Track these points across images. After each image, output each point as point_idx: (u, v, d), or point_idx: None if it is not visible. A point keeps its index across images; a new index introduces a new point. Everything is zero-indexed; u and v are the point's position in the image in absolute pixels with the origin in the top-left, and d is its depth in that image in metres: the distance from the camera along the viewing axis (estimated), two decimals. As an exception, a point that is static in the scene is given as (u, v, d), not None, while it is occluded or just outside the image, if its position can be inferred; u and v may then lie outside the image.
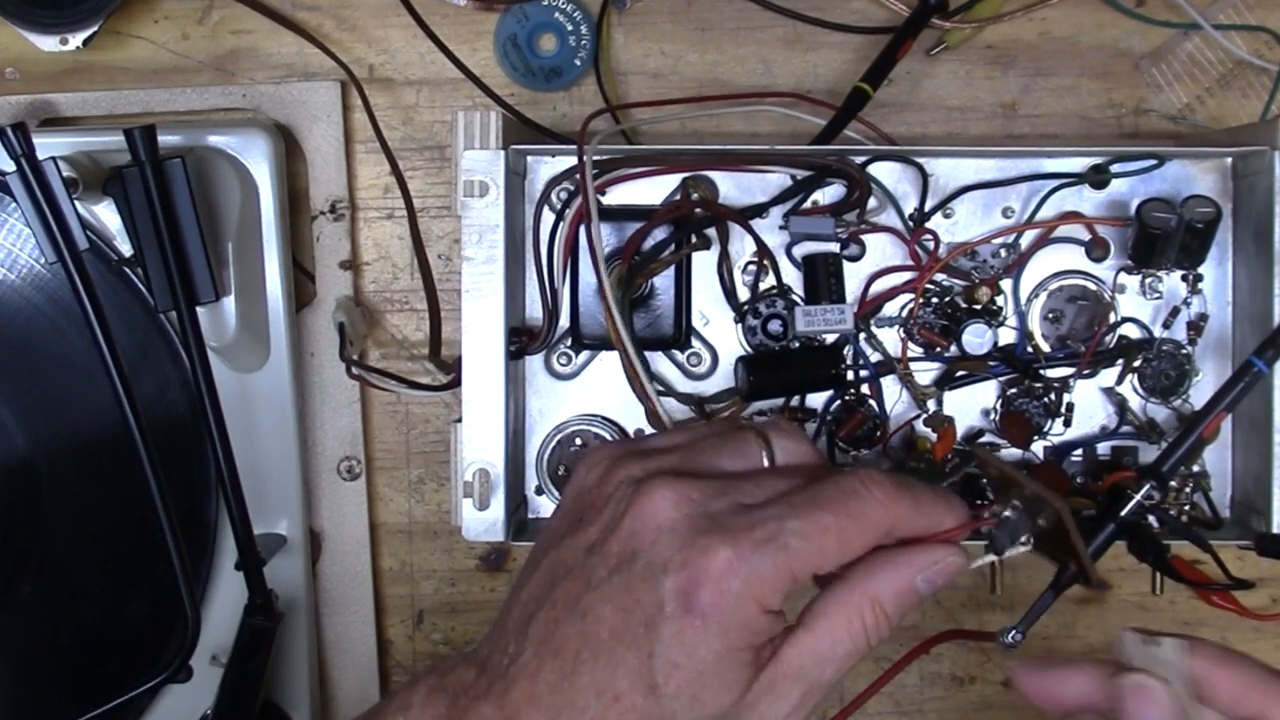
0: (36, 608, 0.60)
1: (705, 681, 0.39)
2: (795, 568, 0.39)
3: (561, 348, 0.58)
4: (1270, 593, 0.66)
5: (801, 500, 0.39)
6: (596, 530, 0.41)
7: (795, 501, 0.39)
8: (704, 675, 0.38)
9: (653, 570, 0.39)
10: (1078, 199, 0.57)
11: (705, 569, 0.38)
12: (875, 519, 0.40)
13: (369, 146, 0.64)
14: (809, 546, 0.39)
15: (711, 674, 0.38)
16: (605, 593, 0.39)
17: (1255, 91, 0.64)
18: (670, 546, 0.39)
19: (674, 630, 0.38)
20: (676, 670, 0.38)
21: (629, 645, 0.39)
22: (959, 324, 0.56)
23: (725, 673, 0.39)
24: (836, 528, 0.39)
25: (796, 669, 0.40)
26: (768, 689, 0.40)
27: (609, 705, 0.39)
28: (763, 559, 0.38)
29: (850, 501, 0.39)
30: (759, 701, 0.40)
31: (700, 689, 0.39)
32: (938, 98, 0.65)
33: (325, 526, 0.65)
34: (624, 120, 0.63)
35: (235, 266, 0.58)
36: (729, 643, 0.38)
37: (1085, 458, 0.57)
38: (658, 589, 0.38)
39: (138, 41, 0.64)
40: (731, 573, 0.38)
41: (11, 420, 0.60)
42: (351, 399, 0.65)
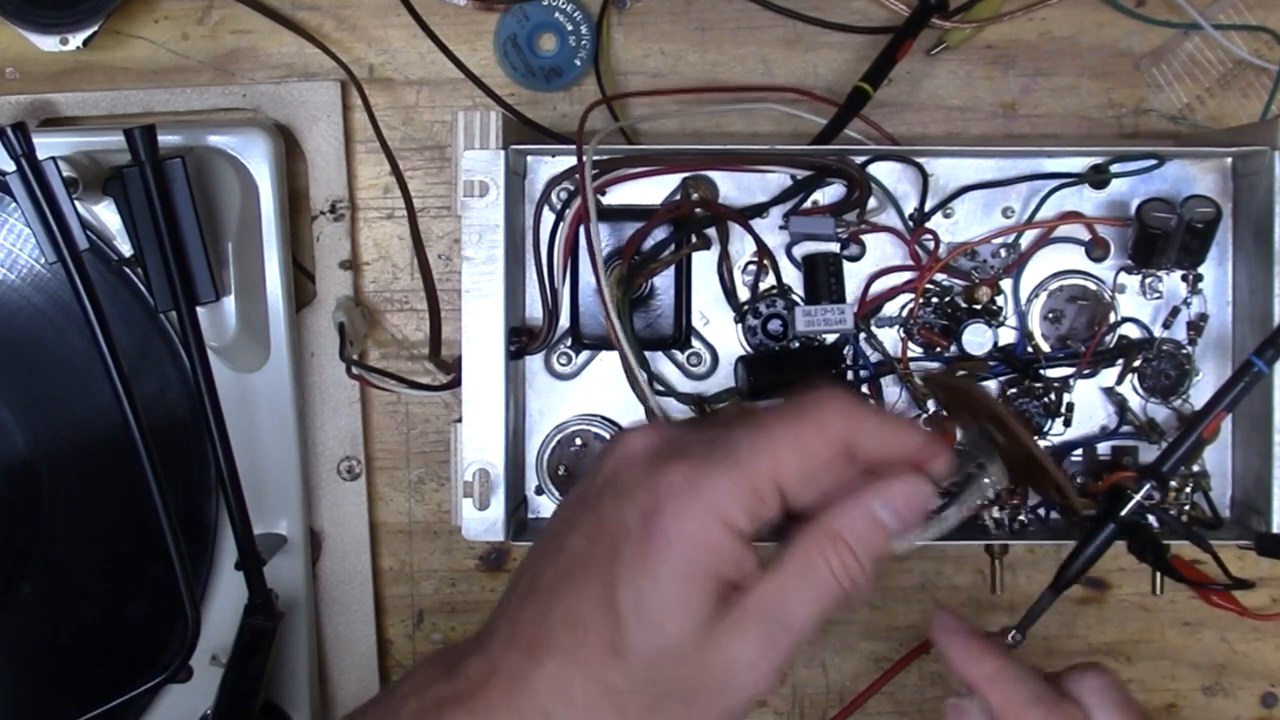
0: (36, 608, 0.60)
1: (666, 606, 0.38)
2: (753, 479, 0.39)
3: (561, 348, 0.58)
4: (1270, 593, 0.66)
5: (758, 418, 0.40)
6: (584, 483, 0.42)
7: (752, 421, 0.40)
8: (664, 600, 0.38)
9: (619, 498, 0.39)
10: (1078, 199, 0.57)
11: (665, 488, 0.39)
12: (829, 424, 0.40)
13: (369, 146, 0.64)
14: (763, 455, 0.39)
15: (672, 598, 0.38)
16: (579, 527, 0.40)
17: (1255, 91, 0.64)
18: (635, 474, 0.40)
19: (637, 553, 0.38)
20: (638, 594, 0.38)
21: (595, 572, 0.39)
22: (959, 324, 0.56)
23: (687, 599, 0.38)
24: (790, 434, 0.39)
25: (760, 607, 0.39)
26: (732, 626, 0.39)
27: (577, 635, 0.39)
28: (718, 472, 0.38)
29: (803, 409, 0.40)
30: (723, 638, 0.39)
31: (661, 614, 0.38)
32: (938, 98, 0.65)
33: (325, 526, 0.65)
34: (622, 115, 0.63)
35: (235, 266, 0.58)
36: (691, 565, 0.38)
37: (1085, 458, 0.57)
38: (622, 514, 0.39)
39: (138, 41, 0.64)
40: (689, 487, 0.38)
41: (11, 420, 0.60)
42: (351, 399, 0.65)
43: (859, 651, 0.66)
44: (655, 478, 0.39)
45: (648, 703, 0.39)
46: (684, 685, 0.39)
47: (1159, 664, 0.66)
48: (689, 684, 0.39)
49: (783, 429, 0.40)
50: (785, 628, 0.39)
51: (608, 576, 0.39)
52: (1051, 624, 0.66)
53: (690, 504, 0.38)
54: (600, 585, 0.39)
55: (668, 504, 0.38)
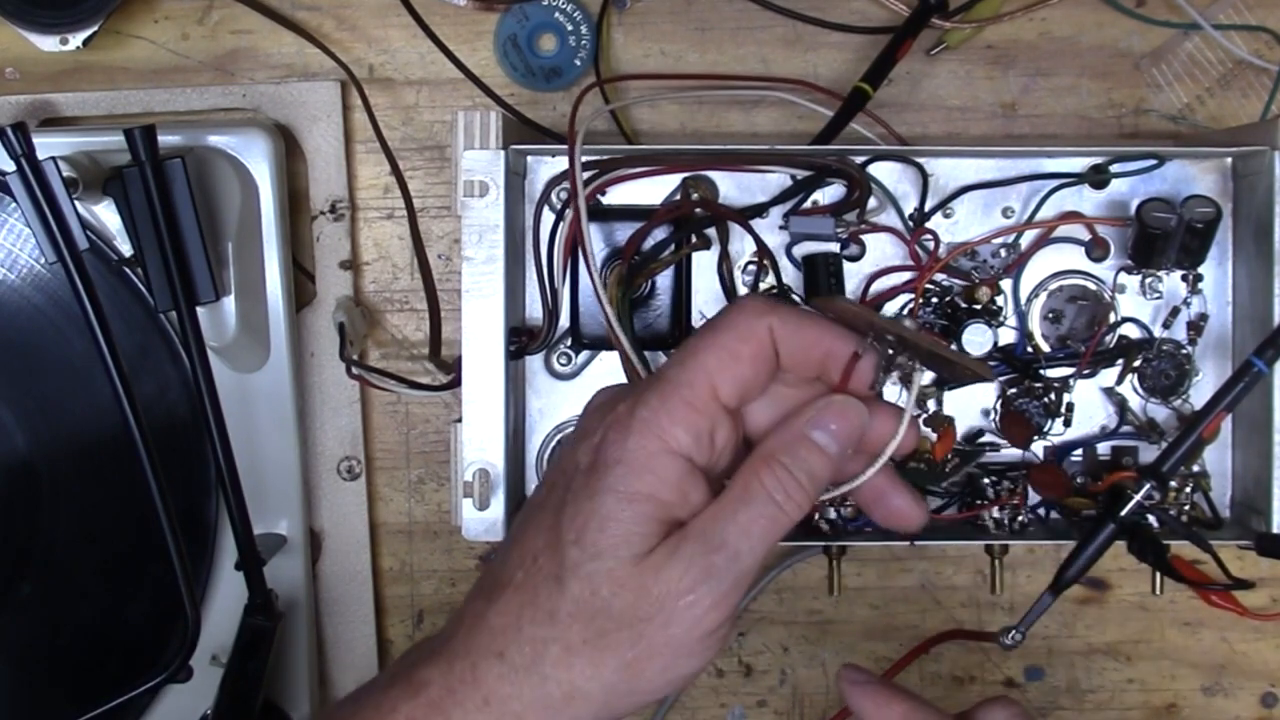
0: (36, 608, 0.60)
1: (604, 529, 0.39)
2: (685, 394, 0.40)
3: (561, 348, 0.58)
4: (1270, 593, 0.66)
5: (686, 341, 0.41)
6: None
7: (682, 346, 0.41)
8: (603, 522, 0.39)
9: (575, 441, 0.41)
10: (1078, 199, 0.57)
11: (609, 420, 0.40)
12: (746, 326, 0.40)
13: (369, 146, 0.64)
14: (691, 368, 0.40)
15: (611, 521, 0.39)
16: (545, 479, 0.42)
17: (1255, 91, 0.64)
18: (591, 420, 0.41)
19: (582, 482, 0.40)
20: (579, 517, 0.39)
21: (548, 509, 0.40)
22: (959, 324, 0.56)
23: (624, 522, 0.39)
24: (712, 343, 0.40)
25: (699, 531, 0.39)
26: (670, 551, 0.39)
27: (529, 569, 0.40)
28: (650, 394, 0.40)
29: (720, 319, 0.41)
30: (664, 564, 0.39)
31: (598, 536, 0.39)
32: (938, 98, 0.65)
33: (325, 526, 0.65)
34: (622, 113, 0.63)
35: (235, 266, 0.58)
36: (629, 486, 0.39)
37: (1085, 458, 0.57)
38: (577, 453, 0.41)
39: (138, 41, 0.64)
40: (629, 415, 0.40)
41: (11, 420, 0.60)
42: (351, 399, 0.65)
43: (859, 651, 0.66)
44: (604, 417, 0.41)
45: (594, 632, 0.39)
46: (628, 614, 0.39)
47: (1159, 664, 0.66)
48: (632, 613, 0.39)
49: (703, 340, 0.41)
50: (725, 554, 0.39)
51: (557, 512, 0.40)
52: (1051, 624, 0.66)
53: (630, 427, 0.39)
54: (551, 518, 0.40)
55: (609, 431, 0.40)
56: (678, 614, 0.39)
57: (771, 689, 0.66)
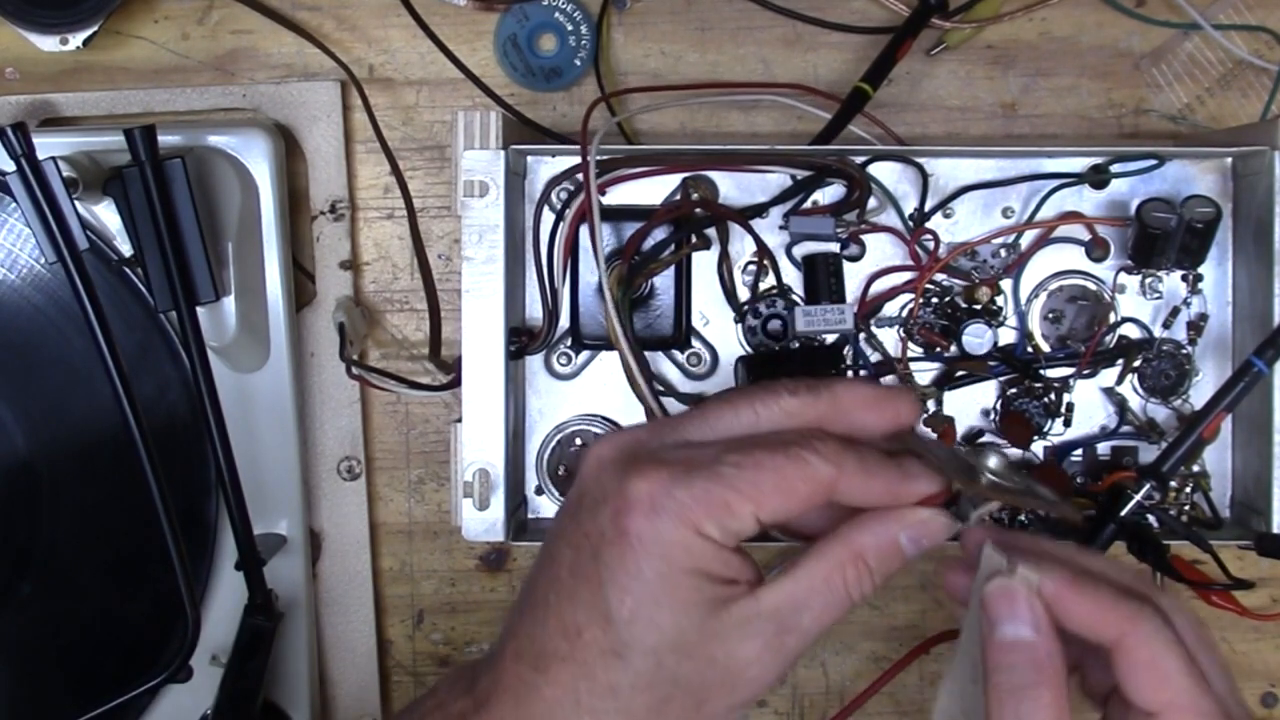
0: (36, 608, 0.60)
1: (657, 602, 0.39)
2: (729, 497, 0.38)
3: (561, 348, 0.58)
4: (1270, 593, 0.66)
5: (743, 442, 0.40)
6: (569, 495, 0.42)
7: (736, 442, 0.40)
8: (654, 596, 0.38)
9: (595, 503, 0.40)
10: (1078, 199, 0.57)
11: (636, 491, 0.39)
12: (815, 468, 0.39)
13: (369, 146, 0.64)
14: (743, 477, 0.38)
15: (661, 594, 0.39)
16: (563, 536, 0.41)
17: (1255, 91, 0.64)
18: (609, 478, 0.40)
19: (615, 554, 0.39)
20: (626, 594, 0.38)
21: (582, 578, 0.39)
22: (959, 324, 0.56)
23: (675, 593, 0.39)
24: (773, 466, 0.39)
25: (771, 609, 0.40)
26: (739, 623, 0.39)
27: (574, 642, 0.39)
28: (693, 480, 0.38)
29: (790, 446, 0.39)
30: (729, 634, 0.39)
31: (654, 611, 0.39)
32: (938, 98, 0.65)
33: (325, 526, 0.65)
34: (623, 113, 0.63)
35: (235, 266, 0.58)
36: (671, 563, 0.38)
37: (1085, 458, 0.57)
38: (599, 518, 0.39)
39: (138, 41, 0.64)
40: (661, 492, 0.38)
41: (11, 420, 0.60)
42: (351, 399, 0.65)
43: (859, 651, 0.66)
44: (624, 482, 0.39)
45: (657, 699, 0.39)
46: (693, 680, 0.39)
47: (1159, 664, 0.66)
48: (696, 679, 0.39)
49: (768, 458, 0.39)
50: (795, 629, 0.40)
51: (594, 584, 0.39)
52: (1051, 624, 0.66)
53: (660, 505, 0.38)
54: (589, 590, 0.39)
55: (637, 507, 0.39)
56: (744, 683, 0.40)
57: (771, 689, 0.66)
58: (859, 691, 0.55)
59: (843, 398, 0.41)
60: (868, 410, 0.41)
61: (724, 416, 0.41)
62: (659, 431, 0.41)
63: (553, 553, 0.41)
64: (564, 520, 0.42)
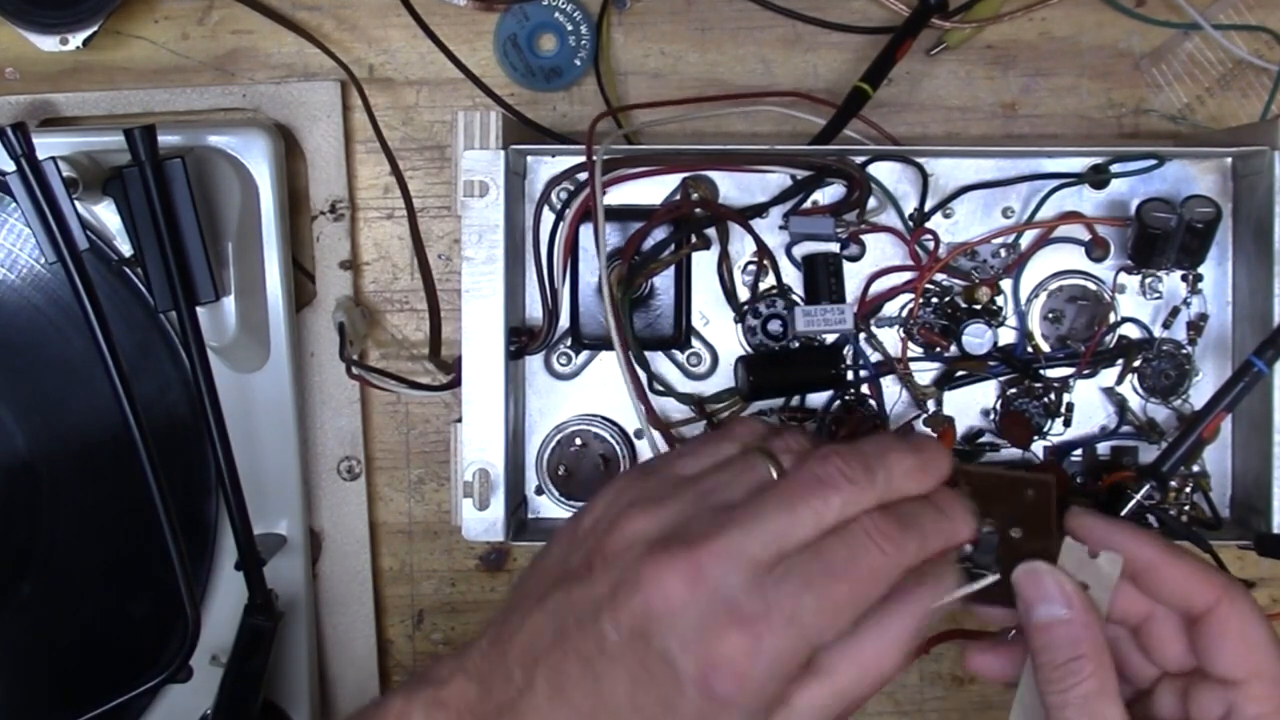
0: (36, 608, 0.60)
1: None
2: (813, 640, 0.39)
3: (561, 348, 0.58)
4: (1270, 593, 0.66)
5: (816, 572, 0.39)
6: (606, 588, 0.40)
7: (811, 575, 0.39)
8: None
9: (670, 653, 0.38)
10: (1078, 199, 0.57)
11: (725, 656, 0.38)
12: (887, 575, 0.40)
13: (369, 146, 0.64)
14: (825, 621, 0.39)
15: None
16: (622, 664, 0.39)
17: (1255, 91, 0.64)
18: (686, 631, 0.38)
19: (694, 709, 0.38)
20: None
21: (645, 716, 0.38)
22: (959, 324, 0.56)
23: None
24: (850, 594, 0.39)
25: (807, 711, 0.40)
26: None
27: None
28: (780, 640, 0.38)
29: (862, 560, 0.39)
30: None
31: None
32: (938, 98, 0.65)
33: (325, 526, 0.65)
34: (624, 119, 0.63)
35: (235, 266, 0.58)
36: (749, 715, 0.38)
37: (1085, 458, 0.57)
38: (675, 670, 0.38)
39: (138, 41, 0.64)
40: (751, 661, 0.38)
41: (11, 420, 0.60)
42: (351, 399, 0.65)
43: (859, 651, 0.66)
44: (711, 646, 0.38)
45: None
46: None
47: (1159, 664, 0.66)
48: None
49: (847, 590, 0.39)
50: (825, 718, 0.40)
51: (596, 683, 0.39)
52: (1051, 624, 0.66)
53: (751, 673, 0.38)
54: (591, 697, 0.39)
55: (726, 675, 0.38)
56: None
57: None
58: (859, 691, 0.55)
59: (895, 475, 0.41)
60: (914, 480, 0.41)
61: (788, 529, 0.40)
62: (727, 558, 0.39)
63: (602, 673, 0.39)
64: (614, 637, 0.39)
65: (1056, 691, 0.42)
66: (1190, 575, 0.43)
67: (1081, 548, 0.43)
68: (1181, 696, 0.44)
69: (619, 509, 0.42)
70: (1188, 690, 0.44)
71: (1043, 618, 0.42)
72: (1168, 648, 0.44)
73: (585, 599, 0.40)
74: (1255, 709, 0.42)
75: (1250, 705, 0.42)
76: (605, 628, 0.39)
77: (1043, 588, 0.43)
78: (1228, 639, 0.42)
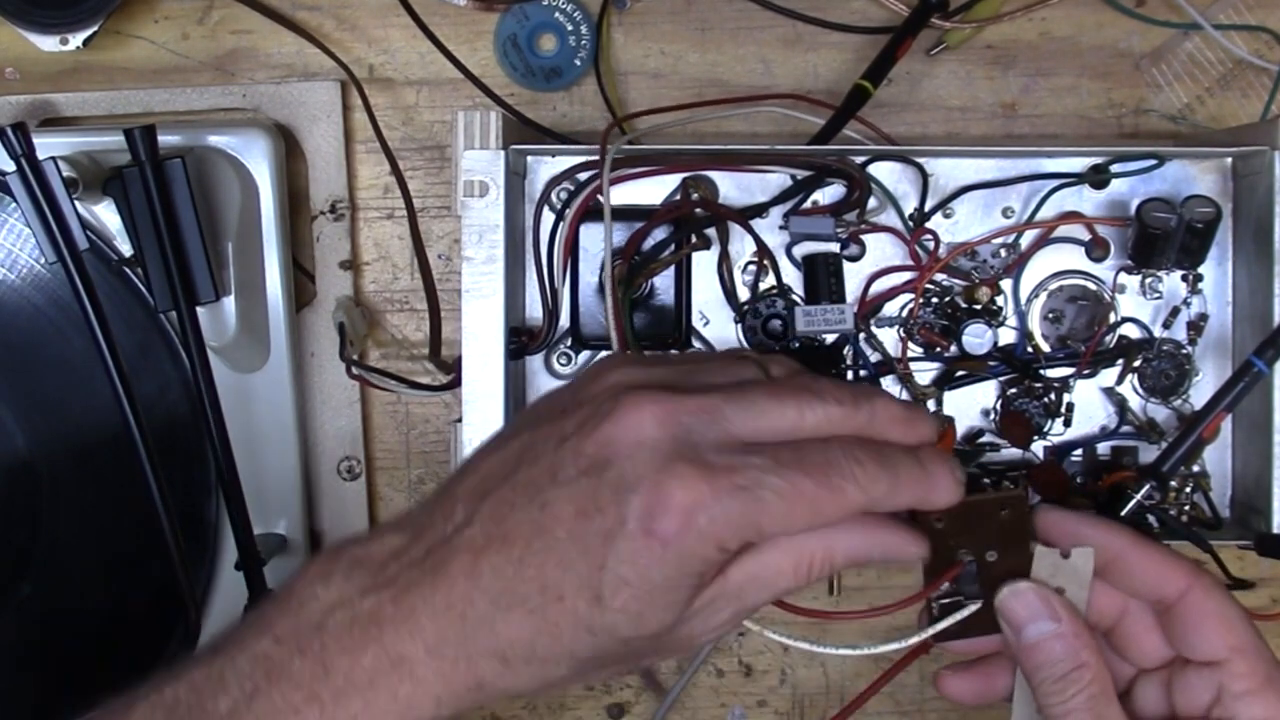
0: (36, 608, 0.60)
1: (651, 601, 0.38)
2: (763, 522, 0.38)
3: (561, 348, 0.58)
4: (1270, 593, 0.66)
5: (787, 458, 0.38)
6: (573, 424, 0.39)
7: (781, 458, 0.38)
8: (651, 595, 0.38)
9: (623, 483, 0.38)
10: (1078, 199, 0.57)
11: (675, 496, 0.37)
12: (850, 498, 0.39)
13: (369, 146, 0.64)
14: (782, 506, 0.38)
15: (659, 595, 0.38)
16: (570, 492, 0.38)
17: (1255, 91, 0.64)
18: (646, 465, 0.38)
19: (630, 549, 0.37)
20: (625, 586, 0.38)
21: (583, 551, 0.38)
22: (959, 324, 0.56)
23: (671, 594, 0.38)
24: (812, 496, 0.38)
25: (736, 589, 0.40)
26: (705, 605, 0.39)
27: (551, 603, 0.38)
28: (733, 503, 0.38)
29: (833, 475, 0.39)
30: (694, 617, 0.39)
31: (645, 607, 0.38)
32: (938, 98, 0.65)
33: (325, 526, 0.65)
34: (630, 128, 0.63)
35: (235, 266, 0.58)
36: (681, 569, 0.38)
37: (1085, 458, 0.57)
38: (623, 504, 0.38)
39: (138, 41, 0.64)
40: (699, 507, 0.37)
41: (11, 420, 0.60)
42: (351, 399, 0.65)
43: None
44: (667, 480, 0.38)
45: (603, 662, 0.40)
46: (644, 650, 0.40)
47: (1159, 664, 0.66)
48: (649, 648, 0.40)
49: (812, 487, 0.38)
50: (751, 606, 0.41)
51: (595, 564, 0.38)
52: (1051, 624, 0.66)
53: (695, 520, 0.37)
54: (585, 565, 0.38)
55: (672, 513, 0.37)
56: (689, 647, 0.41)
57: (771, 689, 0.66)
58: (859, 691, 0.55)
59: (880, 414, 0.41)
60: (898, 427, 0.41)
61: (769, 412, 0.39)
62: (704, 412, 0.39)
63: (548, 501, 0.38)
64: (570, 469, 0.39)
65: (1059, 703, 0.42)
66: (1161, 563, 0.43)
67: (1052, 552, 0.43)
68: (1164, 690, 0.45)
69: (609, 366, 0.41)
70: (1170, 683, 0.44)
71: (1034, 636, 0.43)
72: (1143, 643, 0.45)
73: (551, 434, 0.40)
74: (1242, 685, 0.42)
75: (1237, 682, 0.42)
76: (565, 456, 0.39)
77: (1030, 607, 0.43)
78: (1206, 620, 0.43)
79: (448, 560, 0.39)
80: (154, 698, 0.40)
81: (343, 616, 0.39)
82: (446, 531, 0.39)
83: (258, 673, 0.39)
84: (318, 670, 0.39)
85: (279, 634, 0.39)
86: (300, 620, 0.40)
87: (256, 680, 0.39)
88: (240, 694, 0.39)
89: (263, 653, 0.39)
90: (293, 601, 0.40)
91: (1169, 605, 0.44)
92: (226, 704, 0.39)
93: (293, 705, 0.38)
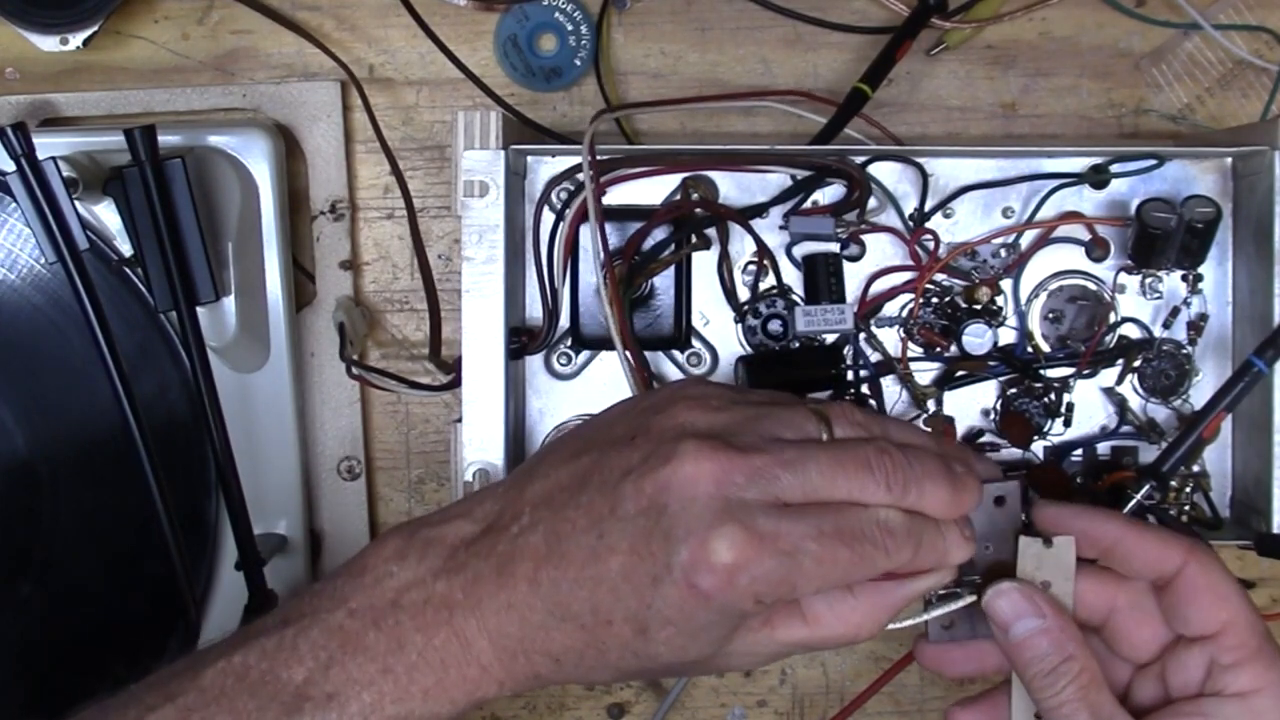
0: (36, 608, 0.60)
1: (694, 637, 0.41)
2: (798, 584, 0.40)
3: (561, 348, 0.58)
4: (1270, 593, 0.66)
5: (829, 529, 0.40)
6: (638, 457, 0.41)
7: (824, 528, 0.40)
8: (693, 634, 0.41)
9: (674, 534, 0.40)
10: (1078, 199, 0.57)
11: (719, 555, 0.39)
12: (880, 567, 0.42)
13: (369, 146, 0.64)
14: (817, 572, 0.40)
15: (700, 634, 0.41)
16: (625, 530, 0.40)
17: (1255, 91, 0.64)
18: (696, 520, 0.40)
19: (674, 594, 0.40)
20: (668, 625, 0.40)
21: (632, 587, 0.40)
22: (959, 324, 0.56)
23: (712, 634, 0.41)
24: (846, 565, 0.41)
25: (782, 644, 0.43)
26: (750, 648, 0.43)
27: (601, 625, 0.41)
28: (773, 566, 0.40)
29: (867, 546, 0.41)
30: (734, 653, 0.43)
31: (687, 643, 0.41)
32: (938, 98, 0.65)
33: (325, 526, 0.65)
34: (627, 123, 0.63)
35: (235, 266, 0.58)
36: (721, 617, 0.41)
37: (1085, 458, 0.57)
38: (671, 553, 0.40)
39: (138, 41, 0.64)
40: (740, 569, 0.39)
41: (11, 420, 0.60)
42: (351, 399, 0.65)
43: (859, 651, 0.66)
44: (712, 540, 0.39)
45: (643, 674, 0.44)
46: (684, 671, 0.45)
47: (1159, 664, 0.66)
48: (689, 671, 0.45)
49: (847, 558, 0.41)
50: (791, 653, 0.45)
51: (643, 601, 0.40)
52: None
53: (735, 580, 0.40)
54: (635, 603, 0.40)
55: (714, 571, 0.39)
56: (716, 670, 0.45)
57: (771, 689, 0.66)
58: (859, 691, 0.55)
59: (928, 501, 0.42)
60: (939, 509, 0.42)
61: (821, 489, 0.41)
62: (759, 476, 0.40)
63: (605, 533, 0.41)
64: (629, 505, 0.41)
65: (1051, 695, 0.44)
66: (1157, 541, 0.45)
67: (1036, 542, 0.45)
68: (1159, 680, 0.46)
69: (679, 400, 0.43)
70: (1165, 668, 0.46)
71: (1020, 633, 0.44)
72: (1135, 636, 0.46)
73: (616, 463, 0.42)
74: (1231, 657, 0.44)
75: (1226, 654, 0.44)
76: (625, 491, 0.41)
77: (1015, 605, 0.45)
78: (1199, 594, 0.44)
79: (513, 562, 0.41)
80: (222, 664, 0.42)
81: (417, 596, 0.42)
82: (513, 533, 0.42)
83: (333, 644, 0.41)
84: (392, 645, 0.41)
85: (354, 607, 0.42)
86: (375, 595, 0.42)
87: (332, 650, 0.41)
88: (315, 664, 0.41)
89: (338, 624, 0.41)
90: (367, 576, 0.42)
91: (1168, 581, 0.45)
92: (302, 673, 0.41)
93: (368, 676, 0.41)
